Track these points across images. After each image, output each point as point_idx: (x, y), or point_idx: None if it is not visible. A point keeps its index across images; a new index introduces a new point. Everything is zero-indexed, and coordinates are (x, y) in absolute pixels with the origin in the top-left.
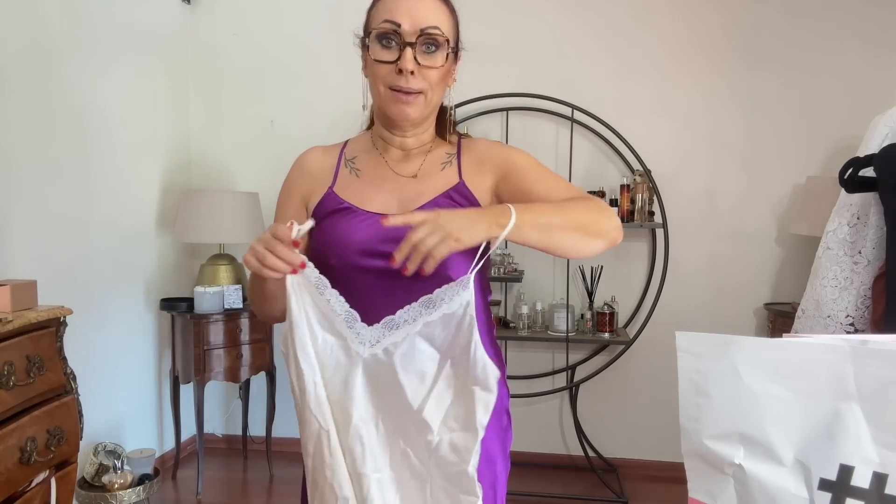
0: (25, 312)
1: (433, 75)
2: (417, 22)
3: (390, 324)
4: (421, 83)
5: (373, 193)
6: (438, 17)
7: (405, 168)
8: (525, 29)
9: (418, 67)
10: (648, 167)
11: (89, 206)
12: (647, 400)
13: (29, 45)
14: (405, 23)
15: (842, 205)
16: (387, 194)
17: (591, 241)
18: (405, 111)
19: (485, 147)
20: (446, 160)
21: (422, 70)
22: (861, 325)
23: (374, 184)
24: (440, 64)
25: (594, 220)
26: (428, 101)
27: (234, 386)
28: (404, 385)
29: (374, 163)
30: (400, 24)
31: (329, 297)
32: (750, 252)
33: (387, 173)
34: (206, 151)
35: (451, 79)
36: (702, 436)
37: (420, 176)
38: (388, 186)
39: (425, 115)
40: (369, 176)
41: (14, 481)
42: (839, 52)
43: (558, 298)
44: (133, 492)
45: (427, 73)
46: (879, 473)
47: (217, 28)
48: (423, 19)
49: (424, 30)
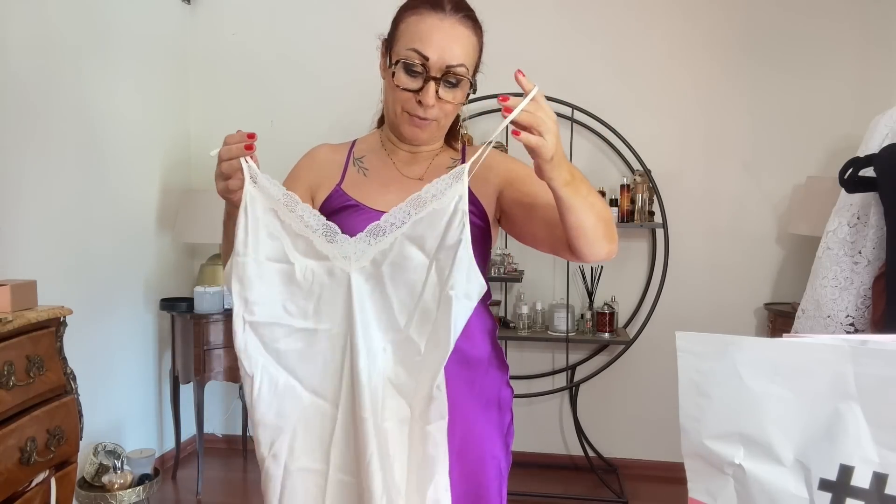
0: (25, 312)
1: (450, 108)
2: (446, 59)
3: (375, 231)
4: (437, 113)
5: (379, 193)
6: (466, 52)
7: (412, 170)
8: (525, 28)
9: (438, 101)
10: (648, 167)
11: (89, 206)
12: (647, 400)
13: (30, 45)
14: (433, 56)
15: (842, 205)
16: (393, 195)
17: (602, 232)
18: (417, 134)
19: (491, 155)
20: (451, 164)
21: (441, 103)
22: (861, 325)
23: (380, 183)
24: (459, 100)
25: (611, 221)
26: (441, 127)
27: (234, 386)
28: (392, 300)
29: (382, 163)
30: (428, 57)
31: (302, 212)
32: (750, 252)
33: (394, 174)
34: (206, 151)
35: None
36: (702, 436)
37: (426, 179)
38: (395, 187)
39: (437, 137)
40: (377, 175)
41: (14, 481)
42: (839, 52)
43: (558, 298)
44: (133, 492)
45: (445, 105)
46: (879, 473)
47: (217, 28)
48: (451, 56)
49: (451, 67)
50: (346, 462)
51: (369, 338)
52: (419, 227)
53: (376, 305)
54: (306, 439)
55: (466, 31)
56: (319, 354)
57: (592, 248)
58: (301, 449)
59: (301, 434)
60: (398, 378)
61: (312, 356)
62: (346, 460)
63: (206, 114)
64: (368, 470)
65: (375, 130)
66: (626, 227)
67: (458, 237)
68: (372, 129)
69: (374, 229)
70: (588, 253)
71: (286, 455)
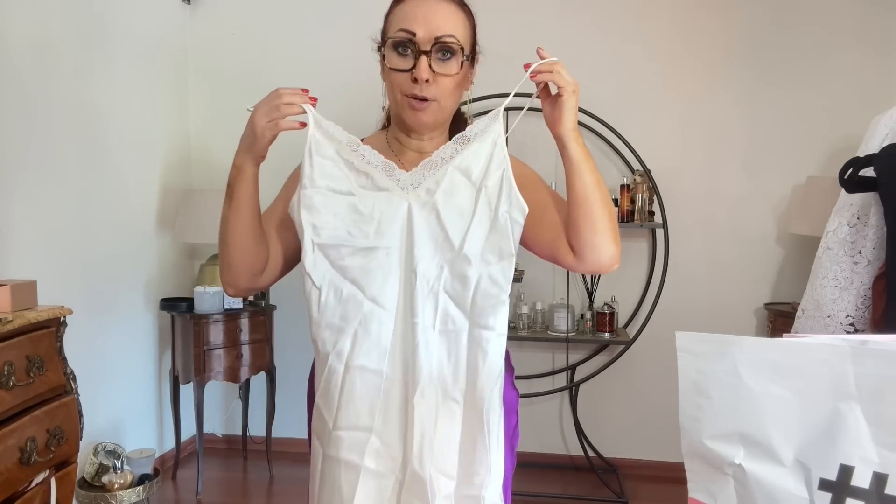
0: (25, 312)
1: (447, 83)
2: (432, 30)
3: (427, 164)
4: (435, 91)
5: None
6: (454, 24)
7: None
8: (525, 29)
9: (433, 75)
10: (648, 167)
11: (89, 206)
12: (647, 400)
13: (29, 44)
14: (420, 31)
15: (842, 205)
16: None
17: (607, 219)
18: (420, 118)
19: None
20: None
21: (437, 78)
22: (861, 325)
23: None
24: (454, 72)
25: (614, 217)
26: (442, 108)
27: (234, 386)
28: (446, 222)
29: None
30: (415, 32)
31: (363, 151)
32: (750, 252)
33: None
34: (206, 151)
35: (469, 83)
36: (702, 436)
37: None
38: None
39: (440, 121)
40: None
41: (14, 481)
42: (839, 52)
43: (558, 298)
44: (133, 492)
45: (442, 80)
46: (879, 473)
47: (217, 28)
48: (437, 27)
49: (439, 38)
50: (395, 365)
51: (424, 256)
52: (466, 160)
53: (432, 229)
54: (365, 341)
55: (452, 6)
56: (379, 269)
57: (596, 238)
58: (360, 349)
59: (361, 336)
60: (455, 291)
61: (373, 270)
62: (394, 363)
63: (206, 114)
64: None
65: (381, 131)
66: (626, 227)
67: (500, 168)
68: (377, 129)
69: (427, 163)
70: (591, 245)
71: (348, 353)
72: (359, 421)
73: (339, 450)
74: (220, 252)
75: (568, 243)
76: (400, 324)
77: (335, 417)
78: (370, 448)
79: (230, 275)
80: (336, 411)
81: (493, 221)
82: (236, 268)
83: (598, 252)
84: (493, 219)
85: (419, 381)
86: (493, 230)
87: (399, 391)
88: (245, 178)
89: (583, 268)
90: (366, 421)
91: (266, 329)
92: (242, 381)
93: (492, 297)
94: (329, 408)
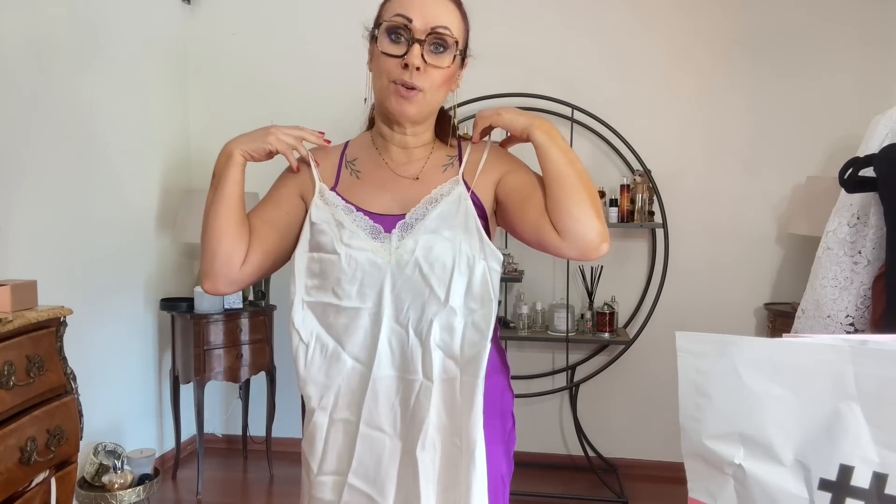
0: (25, 312)
1: (437, 75)
2: (429, 20)
3: (405, 226)
4: (424, 81)
5: (374, 195)
6: (450, 18)
7: (407, 170)
8: (525, 29)
9: (424, 65)
10: (648, 167)
11: (89, 206)
12: (647, 400)
13: (29, 44)
14: (417, 19)
15: (842, 205)
16: (388, 196)
17: (591, 209)
18: (404, 107)
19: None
20: (447, 162)
21: (427, 69)
22: (861, 325)
23: (375, 185)
24: (446, 65)
25: (597, 200)
26: (427, 102)
27: (234, 386)
28: (430, 278)
29: (375, 163)
30: (412, 19)
31: (354, 217)
32: (750, 252)
33: (388, 175)
34: (206, 151)
35: (455, 84)
36: (702, 436)
37: (422, 178)
38: (390, 188)
39: (424, 114)
40: (370, 177)
41: (14, 481)
42: (839, 52)
43: (558, 298)
44: (133, 492)
45: (432, 72)
46: (879, 473)
47: (217, 28)
48: (434, 18)
49: (435, 28)
50: (373, 416)
51: (403, 314)
52: (434, 222)
53: (415, 286)
54: (346, 395)
55: (451, 4)
56: (361, 328)
57: (575, 209)
58: (343, 403)
59: (343, 391)
60: (444, 343)
61: (355, 329)
62: (372, 415)
63: (206, 114)
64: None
65: (366, 132)
66: (626, 227)
67: (469, 225)
68: (362, 131)
69: (403, 225)
70: (571, 216)
71: (331, 407)
72: (340, 467)
73: (322, 492)
74: (202, 239)
75: (551, 224)
76: (392, 379)
77: (319, 464)
78: (349, 488)
79: (208, 261)
80: (321, 460)
81: (471, 272)
82: (215, 252)
83: (581, 224)
84: (471, 269)
85: (420, 433)
86: (472, 280)
87: (390, 443)
88: (234, 162)
89: (569, 247)
90: (345, 467)
91: (266, 329)
92: (242, 381)
93: (475, 344)
94: (314, 456)
